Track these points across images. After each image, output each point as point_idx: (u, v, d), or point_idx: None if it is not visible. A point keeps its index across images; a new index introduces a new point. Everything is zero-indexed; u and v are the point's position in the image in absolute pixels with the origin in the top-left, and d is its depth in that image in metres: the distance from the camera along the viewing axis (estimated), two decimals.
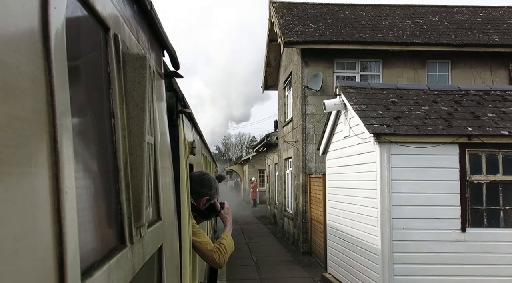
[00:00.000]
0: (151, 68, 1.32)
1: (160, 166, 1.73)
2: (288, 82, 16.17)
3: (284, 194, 17.53)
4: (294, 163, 14.61)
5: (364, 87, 8.46)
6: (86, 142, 0.97)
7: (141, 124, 1.23)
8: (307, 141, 12.99)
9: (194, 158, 3.62)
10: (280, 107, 18.49)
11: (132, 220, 1.18)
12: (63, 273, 0.68)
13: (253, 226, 20.84)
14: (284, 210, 17.36)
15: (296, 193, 14.18)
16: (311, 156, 12.95)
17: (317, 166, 12.78)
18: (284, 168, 17.33)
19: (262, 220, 23.42)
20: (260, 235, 17.79)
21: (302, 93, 13.05)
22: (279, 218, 18.73)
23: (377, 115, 7.29)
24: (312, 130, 13.01)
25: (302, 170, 13.03)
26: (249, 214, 27.67)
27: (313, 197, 12.42)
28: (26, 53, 0.63)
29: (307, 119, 13.05)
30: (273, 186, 22.05)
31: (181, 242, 2.52)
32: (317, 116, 12.91)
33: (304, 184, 13.02)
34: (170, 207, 2.04)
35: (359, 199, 7.62)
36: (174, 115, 2.62)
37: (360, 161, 7.57)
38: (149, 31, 1.76)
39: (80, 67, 0.96)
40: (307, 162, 12.99)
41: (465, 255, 6.74)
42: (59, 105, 0.70)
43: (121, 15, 1.24)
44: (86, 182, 0.94)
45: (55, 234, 0.67)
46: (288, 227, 16.23)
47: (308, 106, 13.06)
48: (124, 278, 1.06)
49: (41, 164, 0.65)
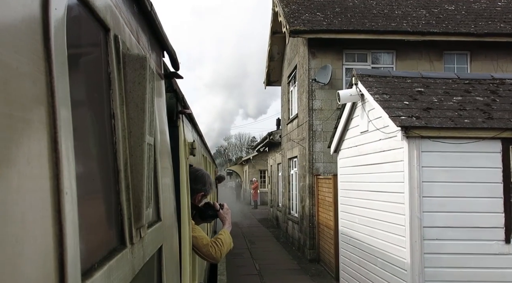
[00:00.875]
0: (151, 68, 1.32)
1: (160, 166, 1.73)
2: (292, 76, 15.11)
3: (288, 196, 16.32)
4: (299, 163, 13.46)
5: (385, 75, 7.36)
6: (86, 143, 0.97)
7: (141, 125, 1.23)
8: (315, 139, 11.93)
9: (194, 158, 3.62)
10: (283, 103, 17.25)
11: (132, 220, 1.18)
12: (64, 274, 0.68)
13: (255, 230, 19.63)
14: (288, 213, 16.18)
15: (302, 195, 13.10)
16: (318, 155, 11.91)
17: (325, 166, 11.83)
18: (288, 168, 16.16)
19: (264, 223, 22.25)
20: (262, 240, 16.59)
21: (309, 87, 12.00)
22: (283, 221, 17.57)
23: (403, 106, 6.24)
24: (320, 127, 11.92)
25: (309, 170, 11.95)
26: (250, 216, 26.42)
27: (321, 200, 11.38)
28: (26, 54, 0.63)
29: (315, 115, 11.95)
30: (276, 187, 20.87)
31: (181, 243, 2.52)
32: (325, 112, 11.91)
33: (311, 185, 11.94)
34: (170, 207, 2.04)
35: (381, 203, 6.59)
36: (174, 115, 2.62)
37: (382, 160, 6.54)
38: (149, 32, 1.76)
39: (81, 68, 0.96)
40: (315, 161, 11.91)
41: (509, 271, 5.66)
42: (60, 106, 0.70)
43: (121, 16, 1.24)
44: (86, 182, 0.94)
45: (56, 235, 0.67)
46: (293, 231, 15.01)
47: (316, 101, 12.01)
48: (124, 278, 1.06)
49: (42, 165, 0.65)
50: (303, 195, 12.79)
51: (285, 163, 16.79)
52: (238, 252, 13.08)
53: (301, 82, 12.99)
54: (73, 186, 0.75)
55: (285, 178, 16.94)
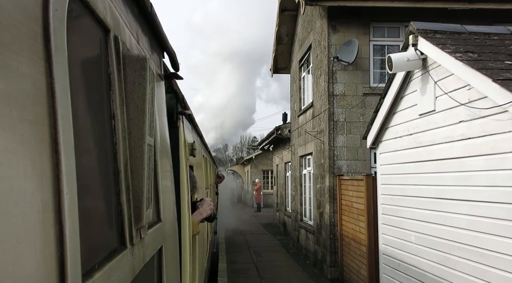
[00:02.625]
0: (151, 69, 1.33)
1: (160, 167, 1.73)
2: (305, 60, 12.91)
3: (299, 199, 13.83)
4: (315, 161, 11.27)
5: (458, 31, 5.46)
6: (86, 144, 0.97)
7: (141, 125, 1.23)
8: (336, 131, 9.83)
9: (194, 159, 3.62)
10: (293, 92, 14.78)
11: (133, 221, 1.18)
12: (64, 274, 0.68)
13: (260, 237, 17.27)
14: (300, 219, 13.71)
15: (319, 199, 10.90)
16: (341, 151, 9.84)
17: (349, 164, 9.82)
18: (299, 168, 13.75)
19: (269, 229, 19.77)
20: (269, 250, 14.18)
21: (328, 68, 9.89)
22: (293, 228, 15.04)
23: (507, 67, 4.31)
24: (342, 116, 9.87)
25: (329, 169, 9.83)
26: (253, 220, 23.83)
27: (345, 206, 9.18)
28: (27, 55, 0.63)
29: (336, 102, 9.88)
30: (283, 189, 18.68)
31: (181, 244, 2.52)
32: (348, 98, 9.87)
33: (331, 188, 9.80)
34: (170, 208, 2.04)
35: (466, 219, 4.46)
36: (174, 116, 2.62)
37: (469, 152, 4.45)
38: (149, 33, 1.76)
39: (81, 69, 0.97)
40: (336, 158, 9.82)
41: None
42: (60, 107, 0.71)
43: (121, 17, 1.24)
44: (87, 183, 0.94)
45: (56, 235, 0.67)
46: (307, 241, 12.58)
47: (337, 85, 9.94)
48: (124, 279, 1.06)
49: (42, 165, 0.65)
50: (321, 200, 10.66)
51: (295, 161, 14.44)
52: (242, 268, 11.31)
53: (318, 64, 10.85)
54: (74, 186, 0.75)
55: (295, 179, 14.53)
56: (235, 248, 14.30)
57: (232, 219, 21.72)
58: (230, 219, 21.73)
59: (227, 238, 16.65)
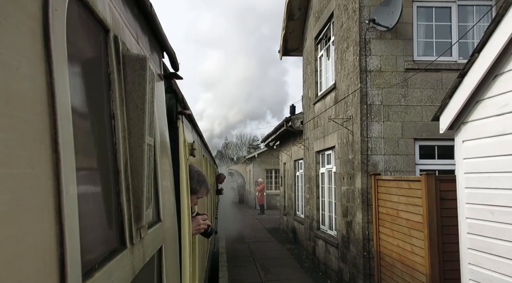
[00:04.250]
0: (151, 69, 1.33)
1: (160, 167, 1.74)
2: (324, 34, 11.01)
3: (315, 204, 11.72)
4: (340, 156, 9.16)
5: None
6: (86, 144, 0.97)
7: (141, 125, 1.23)
8: (370, 117, 7.84)
9: (194, 159, 3.62)
10: (307, 76, 12.68)
11: (132, 221, 1.18)
12: (64, 274, 0.68)
13: (266, 246, 14.85)
14: (316, 227, 11.62)
15: (346, 205, 8.75)
16: (377, 143, 7.81)
17: (387, 160, 7.77)
18: (315, 166, 11.64)
19: (276, 235, 17.62)
20: (279, 264, 11.84)
21: (360, 36, 7.91)
22: (306, 237, 12.90)
23: None
24: (378, 98, 7.86)
25: (361, 167, 7.81)
26: (257, 224, 21.48)
27: (385, 215, 6.97)
28: (27, 54, 0.63)
29: (370, 79, 7.89)
30: (292, 191, 16.41)
31: (181, 244, 2.52)
32: (386, 75, 7.86)
33: (364, 191, 7.78)
34: (170, 208, 2.05)
35: None
36: (174, 116, 2.63)
37: None
38: (148, 33, 1.77)
39: (81, 69, 0.97)
40: (370, 153, 7.80)
41: None
42: (60, 107, 0.71)
43: (121, 16, 1.24)
44: (86, 183, 0.94)
45: (56, 235, 0.67)
46: (326, 256, 10.36)
47: (371, 59, 7.91)
48: (125, 279, 1.06)
49: (42, 165, 0.65)
50: (350, 206, 8.53)
51: (309, 158, 12.35)
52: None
53: (344, 34, 8.86)
54: (73, 186, 0.75)
55: (310, 179, 12.37)
56: (238, 261, 12.35)
57: (233, 223, 20.44)
58: (232, 223, 20.44)
59: (229, 246, 14.57)
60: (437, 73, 7.95)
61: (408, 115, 7.92)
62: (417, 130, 7.91)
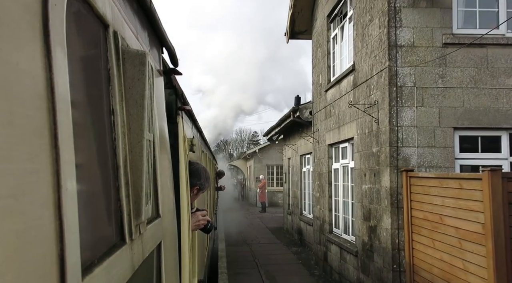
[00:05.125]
0: (151, 65, 1.32)
1: (159, 163, 1.74)
2: (339, 10, 9.72)
3: (327, 203, 10.39)
4: (360, 149, 7.88)
5: None
6: (86, 139, 0.97)
7: (140, 121, 1.23)
8: (401, 102, 6.59)
9: (193, 155, 3.62)
10: (318, 61, 11.31)
11: (132, 217, 1.19)
12: (64, 269, 0.68)
13: (270, 249, 13.57)
14: (328, 231, 10.29)
15: (368, 207, 7.48)
16: (408, 133, 6.55)
17: (421, 153, 6.50)
18: (327, 161, 10.37)
19: (280, 236, 16.38)
20: (286, 271, 10.64)
21: (389, 4, 6.69)
22: (316, 241, 11.64)
23: None
24: (410, 78, 6.62)
25: (390, 161, 6.54)
26: (259, 223, 20.16)
27: (423, 221, 5.81)
28: (26, 50, 0.63)
29: (401, 56, 6.61)
30: (297, 188, 15.12)
31: (180, 239, 2.53)
32: (420, 51, 6.58)
33: (394, 190, 6.52)
34: (169, 204, 2.05)
35: None
36: (173, 112, 2.63)
37: None
38: (148, 28, 1.76)
39: (80, 64, 0.97)
40: (401, 144, 6.56)
41: None
42: (60, 102, 0.71)
43: (120, 12, 1.24)
44: (86, 179, 0.94)
45: (56, 231, 0.67)
46: (342, 264, 9.01)
47: (402, 31, 6.67)
48: (124, 274, 1.06)
49: (42, 161, 0.65)
50: (373, 208, 7.25)
51: (320, 152, 11.11)
52: None
53: (367, 4, 7.61)
54: (73, 182, 0.75)
55: (320, 176, 11.13)
56: (239, 266, 11.22)
57: (233, 222, 19.75)
58: (232, 221, 19.78)
59: (229, 249, 13.38)
60: (482, 49, 6.72)
61: (447, 99, 6.70)
62: (457, 117, 6.70)
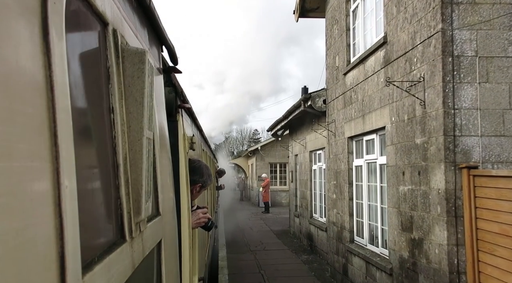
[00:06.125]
0: (150, 63, 1.32)
1: (159, 161, 1.74)
2: None
3: (347, 207, 8.78)
4: (395, 141, 6.38)
5: None
6: (86, 137, 0.97)
7: (140, 119, 1.23)
8: (459, 77, 5.08)
9: (193, 153, 3.63)
10: (334, 40, 9.68)
11: (132, 215, 1.19)
12: (64, 267, 0.68)
13: (277, 257, 11.88)
14: (349, 239, 8.66)
15: (408, 214, 6.02)
16: (469, 118, 5.04)
17: (487, 144, 4.99)
18: (347, 156, 8.76)
19: (286, 241, 14.61)
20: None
21: None
22: (332, 250, 9.86)
23: None
24: (471, 46, 5.05)
25: (445, 155, 5.07)
26: (262, 226, 18.58)
27: (497, 235, 4.41)
28: (26, 48, 0.63)
29: (459, 16, 5.10)
30: (307, 188, 13.53)
31: (180, 237, 2.53)
32: (484, 10, 5.08)
33: (451, 194, 5.06)
34: (169, 202, 2.05)
35: None
36: (173, 110, 2.63)
37: None
38: (148, 26, 1.76)
39: (80, 62, 0.97)
40: (459, 133, 5.06)
41: None
42: (59, 100, 0.71)
43: (120, 10, 1.24)
44: (86, 176, 0.94)
45: (56, 228, 0.67)
46: (369, 281, 7.50)
47: None
48: (124, 272, 1.07)
49: (42, 158, 0.65)
50: (419, 216, 5.73)
51: (337, 146, 9.47)
52: None
53: None
54: (73, 180, 0.75)
55: (337, 174, 9.46)
56: (243, 280, 9.65)
57: (235, 224, 18.75)
58: (233, 223, 18.80)
59: (231, 257, 11.80)
60: None
61: None
62: None
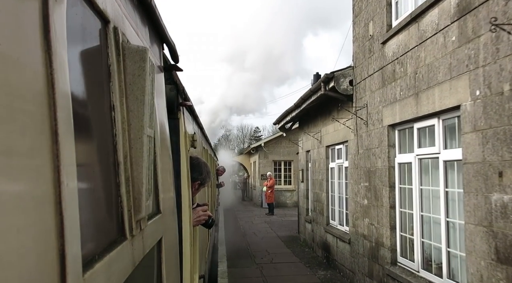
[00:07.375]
0: (151, 61, 1.32)
1: (160, 159, 1.74)
2: None
3: (386, 217, 7.06)
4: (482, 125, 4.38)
5: None
6: (86, 135, 0.97)
7: (141, 117, 1.23)
8: None
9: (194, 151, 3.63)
10: (367, 2, 7.89)
11: (132, 213, 1.19)
12: (65, 265, 0.68)
13: (288, 272, 9.69)
14: (390, 260, 6.90)
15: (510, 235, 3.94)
16: None
17: None
18: (386, 150, 6.98)
19: (296, 249, 12.51)
20: None
21: None
22: (363, 270, 8.11)
23: None
24: None
25: None
26: (268, 231, 16.38)
27: None
28: (27, 46, 0.63)
29: None
30: (322, 190, 11.36)
31: (181, 235, 2.53)
32: None
33: None
34: (170, 200, 2.05)
35: None
36: (174, 108, 2.62)
37: None
38: (149, 24, 1.76)
39: (81, 60, 0.96)
40: None
41: None
42: (60, 98, 0.70)
43: (121, 8, 1.24)
44: (86, 175, 0.94)
45: (56, 226, 0.67)
46: None
47: None
48: (125, 270, 1.07)
49: (42, 156, 0.65)
50: None
51: (370, 138, 7.68)
52: None
53: None
54: (73, 178, 0.75)
55: (370, 174, 7.70)
56: None
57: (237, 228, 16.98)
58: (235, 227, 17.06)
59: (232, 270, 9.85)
60: None
61: None
62: None
